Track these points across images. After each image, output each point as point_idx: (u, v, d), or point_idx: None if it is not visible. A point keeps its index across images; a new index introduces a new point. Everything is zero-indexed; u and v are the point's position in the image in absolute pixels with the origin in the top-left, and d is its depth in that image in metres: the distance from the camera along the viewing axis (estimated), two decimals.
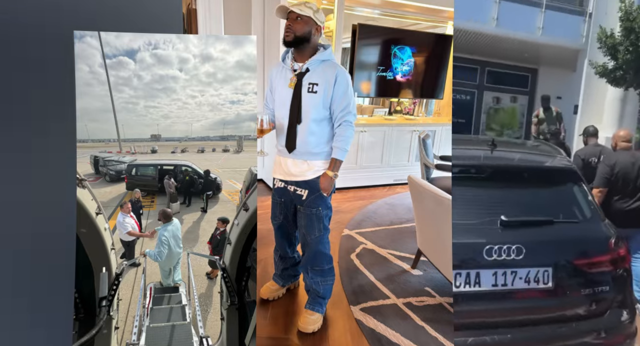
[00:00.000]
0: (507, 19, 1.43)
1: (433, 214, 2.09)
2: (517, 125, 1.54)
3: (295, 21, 1.60)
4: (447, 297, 2.16)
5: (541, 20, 1.43)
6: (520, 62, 1.51)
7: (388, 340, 1.80)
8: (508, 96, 1.53)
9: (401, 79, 4.51)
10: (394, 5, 4.20)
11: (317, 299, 1.90)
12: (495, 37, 1.46)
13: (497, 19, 1.43)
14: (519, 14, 1.45)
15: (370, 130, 4.24)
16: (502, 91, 1.52)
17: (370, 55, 4.31)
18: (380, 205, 3.80)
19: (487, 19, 1.42)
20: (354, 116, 1.68)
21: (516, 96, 1.53)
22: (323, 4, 3.89)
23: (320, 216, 1.77)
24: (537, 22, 1.44)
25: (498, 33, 1.45)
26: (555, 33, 1.45)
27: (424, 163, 3.24)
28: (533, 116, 1.52)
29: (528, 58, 1.48)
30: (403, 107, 4.95)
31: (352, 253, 2.70)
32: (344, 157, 1.69)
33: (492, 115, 1.52)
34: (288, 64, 1.70)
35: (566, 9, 1.47)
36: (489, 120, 1.52)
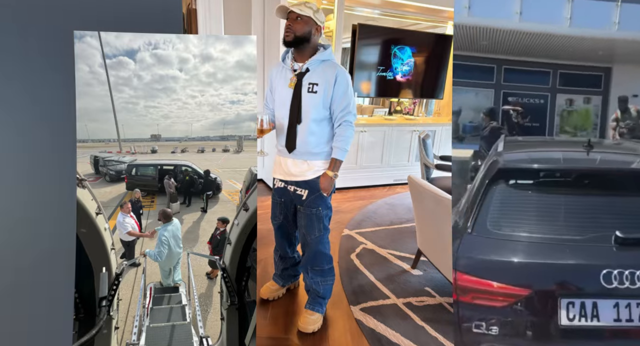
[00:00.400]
0: (581, 16, 1.38)
1: (433, 214, 2.09)
2: (591, 126, 1.50)
3: (295, 21, 1.60)
4: (447, 297, 2.16)
5: (617, 14, 1.38)
6: (594, 62, 1.47)
7: (388, 340, 1.80)
8: (581, 97, 1.50)
9: (401, 79, 4.51)
10: (394, 5, 4.20)
11: (317, 299, 1.90)
12: (568, 37, 1.42)
13: (570, 19, 1.38)
14: (593, 10, 1.40)
15: (370, 130, 4.24)
16: (575, 93, 1.50)
17: (370, 55, 4.31)
18: (380, 205, 3.80)
19: (560, 19, 1.39)
20: (354, 116, 1.68)
21: (590, 97, 1.49)
22: (323, 4, 3.89)
23: (320, 216, 1.77)
24: (613, 17, 1.39)
25: (571, 33, 1.41)
26: (633, 27, 1.39)
27: (424, 163, 3.24)
28: (611, 120, 1.47)
29: (602, 56, 1.44)
30: (403, 107, 4.95)
31: (352, 253, 2.70)
32: (344, 157, 1.69)
33: (565, 118, 1.49)
34: (288, 64, 1.70)
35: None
36: (563, 123, 1.49)
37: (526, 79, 1.48)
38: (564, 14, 1.39)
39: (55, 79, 1.26)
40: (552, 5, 1.40)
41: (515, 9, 1.38)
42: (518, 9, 1.38)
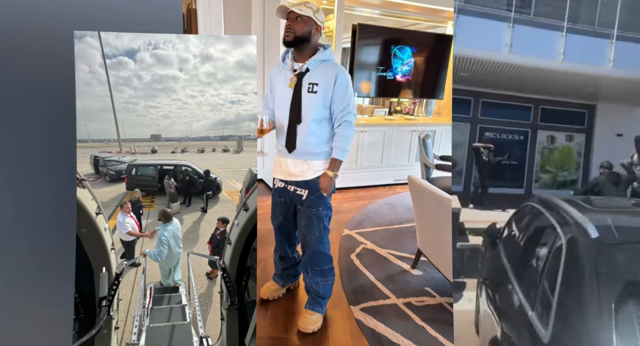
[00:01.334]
0: (575, 52, 1.34)
1: (433, 214, 2.09)
2: (573, 165, 1.42)
3: (295, 21, 1.60)
4: (447, 297, 2.16)
5: (612, 52, 1.35)
6: (581, 99, 1.40)
7: (388, 340, 1.80)
8: (563, 135, 1.42)
9: (401, 79, 4.51)
10: (394, 5, 4.20)
11: (317, 299, 1.90)
12: (558, 72, 1.37)
13: (563, 54, 1.34)
14: (587, 47, 1.37)
15: (370, 130, 4.24)
16: (557, 129, 1.42)
17: (370, 55, 4.31)
18: (380, 205, 3.80)
19: (554, 54, 1.34)
20: (354, 116, 1.68)
21: (572, 135, 1.42)
22: (323, 4, 3.89)
23: (320, 216, 1.77)
24: (608, 54, 1.35)
25: (563, 67, 1.36)
26: (627, 64, 1.35)
27: (424, 163, 3.24)
28: (626, 162, 1.36)
29: (589, 93, 1.39)
30: (403, 107, 4.95)
31: (352, 253, 2.70)
32: (344, 157, 1.69)
33: (546, 156, 1.41)
34: (288, 64, 1.70)
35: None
36: (544, 161, 1.41)
37: (505, 113, 1.41)
38: (557, 48, 1.35)
39: (55, 78, 1.26)
40: (546, 39, 1.36)
41: (506, 41, 1.34)
42: (509, 41, 1.34)
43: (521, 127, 1.41)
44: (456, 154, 1.36)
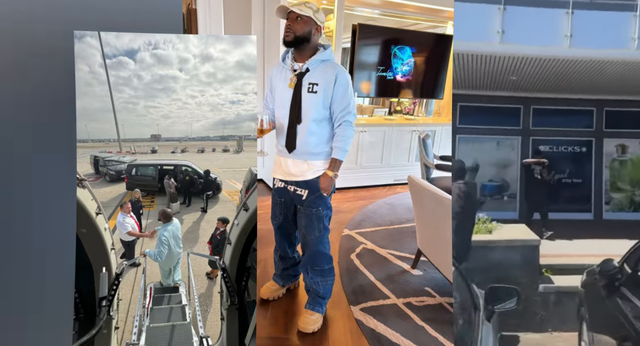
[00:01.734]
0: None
1: (433, 214, 2.09)
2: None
3: (295, 21, 1.60)
4: (447, 297, 2.16)
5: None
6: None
7: (388, 340, 1.80)
8: (637, 142, 1.13)
9: (401, 79, 4.51)
10: (394, 5, 4.20)
11: (317, 299, 1.90)
12: (631, 64, 1.09)
13: (639, 39, 1.06)
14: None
15: (370, 130, 4.24)
16: (629, 136, 1.13)
17: (370, 55, 4.31)
18: (380, 205, 3.80)
19: (627, 40, 1.07)
20: (354, 116, 1.68)
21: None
22: (323, 4, 3.89)
23: (320, 216, 1.77)
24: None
25: (638, 57, 1.07)
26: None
27: (424, 163, 3.24)
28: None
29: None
30: (403, 107, 4.95)
31: (352, 253, 2.70)
32: (344, 157, 1.69)
33: (617, 170, 1.14)
34: (288, 64, 1.70)
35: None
36: (614, 177, 1.14)
37: (560, 121, 1.15)
38: (631, 33, 1.08)
39: (55, 78, 1.26)
40: (615, 23, 1.08)
41: (565, 32, 1.09)
42: (568, 31, 1.09)
43: (582, 136, 1.16)
44: (506, 174, 1.15)
